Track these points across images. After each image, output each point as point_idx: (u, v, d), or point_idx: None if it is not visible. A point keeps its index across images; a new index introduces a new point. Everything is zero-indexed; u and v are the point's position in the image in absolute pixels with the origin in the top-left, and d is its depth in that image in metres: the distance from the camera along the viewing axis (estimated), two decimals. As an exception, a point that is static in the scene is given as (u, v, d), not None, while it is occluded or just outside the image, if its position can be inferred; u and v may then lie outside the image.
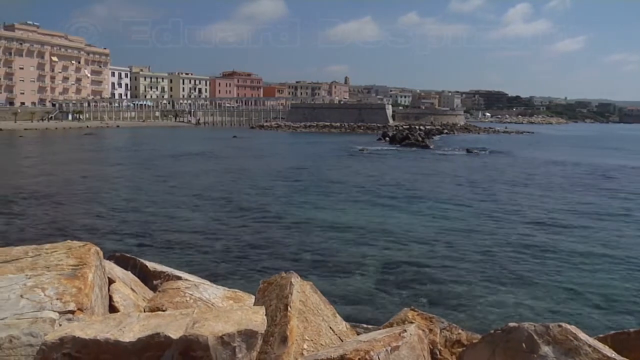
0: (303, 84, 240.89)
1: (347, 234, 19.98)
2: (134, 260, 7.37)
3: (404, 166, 47.67)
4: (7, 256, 5.59)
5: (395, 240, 19.02)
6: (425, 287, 14.02)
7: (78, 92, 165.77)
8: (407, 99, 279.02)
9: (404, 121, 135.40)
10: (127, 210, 24.70)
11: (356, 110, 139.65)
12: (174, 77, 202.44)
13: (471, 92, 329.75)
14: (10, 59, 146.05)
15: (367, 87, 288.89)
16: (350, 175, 40.00)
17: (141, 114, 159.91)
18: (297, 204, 26.71)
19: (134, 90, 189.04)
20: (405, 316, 5.55)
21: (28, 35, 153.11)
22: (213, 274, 13.75)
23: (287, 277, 4.77)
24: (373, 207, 25.81)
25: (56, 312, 4.59)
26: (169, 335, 3.56)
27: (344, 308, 10.77)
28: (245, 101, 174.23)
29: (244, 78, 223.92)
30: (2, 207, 25.07)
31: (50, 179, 36.46)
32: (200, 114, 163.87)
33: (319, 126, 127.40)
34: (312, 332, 4.43)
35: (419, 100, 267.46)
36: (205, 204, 26.76)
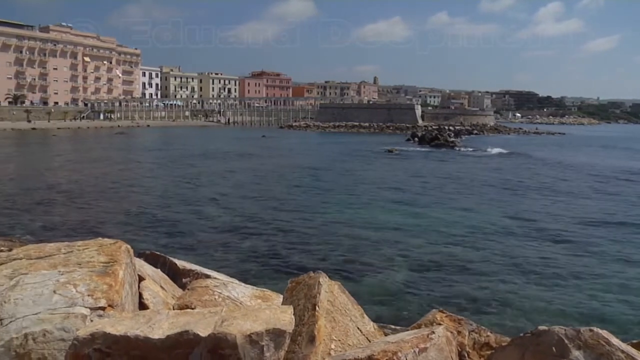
0: (332, 84, 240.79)
1: (375, 234, 19.90)
2: (163, 258, 7.44)
3: (432, 167, 47.36)
4: (41, 252, 5.68)
5: (424, 241, 18.90)
6: (453, 288, 13.90)
7: (109, 92, 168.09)
8: (436, 99, 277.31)
9: (433, 121, 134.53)
10: (157, 209, 24.95)
11: (385, 110, 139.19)
12: (203, 77, 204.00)
13: (501, 93, 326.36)
14: (44, 60, 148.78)
15: (396, 87, 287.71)
16: (378, 175, 39.88)
17: (171, 114, 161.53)
18: (325, 203, 26.70)
19: (164, 90, 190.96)
20: (434, 318, 5.52)
21: (62, 36, 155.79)
22: (241, 272, 13.79)
23: (315, 277, 4.77)
24: (401, 208, 25.69)
25: (87, 308, 4.65)
26: (198, 333, 3.59)
27: (372, 308, 10.73)
28: (274, 101, 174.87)
29: (273, 78, 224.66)
30: (36, 205, 25.52)
31: (82, 177, 37.00)
32: (229, 113, 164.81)
33: (348, 126, 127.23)
34: (340, 332, 4.42)
35: (448, 101, 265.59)
36: (234, 202, 26.90)
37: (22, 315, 4.59)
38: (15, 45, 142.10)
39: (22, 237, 16.74)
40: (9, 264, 5.48)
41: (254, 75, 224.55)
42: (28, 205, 25.51)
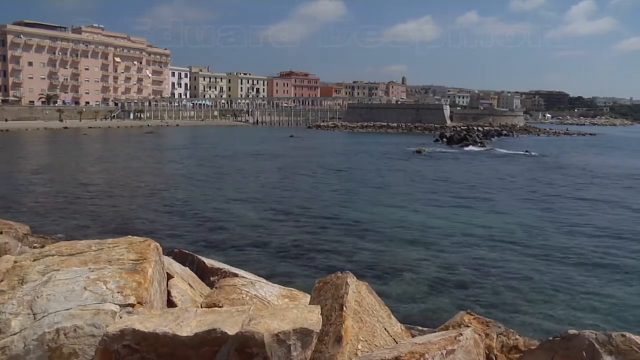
0: (360, 84, 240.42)
1: (403, 234, 19.83)
2: (192, 256, 7.51)
3: (461, 168, 47.01)
4: (72, 250, 5.77)
5: (452, 242, 18.77)
6: (481, 290, 13.78)
7: (139, 91, 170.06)
8: (465, 100, 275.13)
9: (461, 122, 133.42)
10: (185, 207, 25.17)
11: (413, 110, 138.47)
12: (232, 77, 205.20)
13: (531, 93, 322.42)
14: (76, 61, 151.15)
15: (424, 87, 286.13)
16: (406, 176, 39.72)
17: (200, 114, 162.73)
18: (353, 203, 26.67)
19: (194, 90, 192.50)
20: (462, 320, 5.49)
21: (93, 37, 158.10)
22: (269, 271, 13.83)
23: (342, 277, 4.77)
24: (430, 209, 25.54)
25: (117, 304, 4.71)
26: (226, 331, 3.61)
27: (399, 309, 10.69)
28: (303, 101, 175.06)
29: (301, 78, 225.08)
30: (68, 203, 25.93)
31: (112, 176, 37.50)
32: (257, 113, 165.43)
33: (376, 126, 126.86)
34: (367, 332, 4.41)
35: (477, 101, 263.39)
36: (262, 202, 27.02)
37: (54, 311, 4.67)
38: (48, 47, 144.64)
39: (54, 234, 17.00)
40: (42, 260, 5.58)
41: (282, 75, 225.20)
42: (60, 203, 25.94)
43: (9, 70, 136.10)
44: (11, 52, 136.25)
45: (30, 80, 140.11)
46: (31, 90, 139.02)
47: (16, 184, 33.26)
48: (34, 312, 4.73)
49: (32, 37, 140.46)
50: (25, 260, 5.68)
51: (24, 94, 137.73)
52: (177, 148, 67.36)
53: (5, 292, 5.06)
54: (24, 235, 13.02)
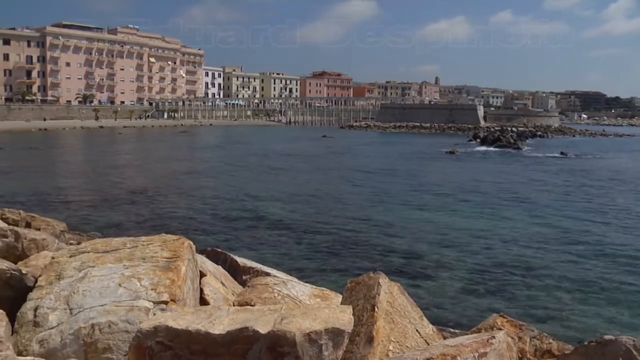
0: (393, 84, 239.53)
1: (436, 235, 19.70)
2: (224, 255, 7.56)
3: (495, 169, 46.51)
4: (108, 247, 5.85)
5: (485, 244, 18.58)
6: (515, 293, 13.61)
7: (173, 91, 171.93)
8: (499, 100, 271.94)
9: (495, 122, 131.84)
10: (218, 206, 25.38)
11: (447, 110, 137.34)
12: (265, 77, 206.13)
13: (566, 93, 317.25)
14: (112, 61, 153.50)
15: (458, 87, 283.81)
16: (440, 176, 39.44)
17: (233, 113, 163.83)
18: (386, 204, 26.59)
19: (227, 90, 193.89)
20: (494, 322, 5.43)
21: (129, 37, 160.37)
22: (300, 271, 13.87)
23: (374, 278, 4.75)
24: (463, 210, 25.33)
25: (151, 301, 4.77)
26: (258, 329, 3.63)
27: (431, 311, 10.62)
28: (335, 101, 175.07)
29: (334, 78, 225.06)
30: (102, 200, 26.36)
31: (146, 175, 38.01)
32: (290, 113, 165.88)
33: (409, 126, 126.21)
34: (399, 333, 4.40)
35: (511, 101, 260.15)
36: (294, 201, 27.10)
37: (89, 306, 4.75)
38: (85, 47, 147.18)
39: (90, 231, 17.29)
40: (78, 256, 5.68)
41: (315, 75, 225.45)
42: (95, 200, 26.39)
43: (47, 70, 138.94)
44: (50, 53, 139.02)
45: (67, 81, 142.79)
46: (68, 90, 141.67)
47: (54, 181, 33.94)
48: (71, 307, 4.81)
49: (69, 39, 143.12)
50: (62, 256, 5.78)
51: (62, 94, 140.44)
52: (210, 147, 67.92)
53: (43, 287, 5.17)
54: (61, 232, 13.27)
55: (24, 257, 7.17)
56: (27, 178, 35.66)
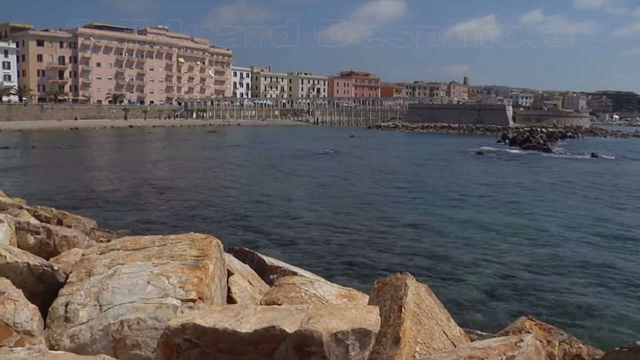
0: (421, 84, 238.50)
1: (463, 236, 19.55)
2: (252, 254, 7.59)
3: (523, 170, 45.98)
4: (137, 244, 5.92)
5: (514, 245, 18.39)
6: (543, 296, 13.43)
7: (202, 91, 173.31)
8: (528, 100, 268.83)
9: (524, 123, 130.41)
10: (246, 205, 25.51)
11: (475, 111, 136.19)
12: (293, 77, 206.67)
13: (598, 93, 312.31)
14: (142, 61, 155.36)
15: (486, 88, 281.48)
16: (467, 177, 39.14)
17: (261, 113, 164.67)
18: (413, 204, 26.48)
19: (255, 90, 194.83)
20: (522, 325, 5.37)
21: (158, 38, 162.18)
22: (327, 270, 13.88)
23: (402, 279, 4.74)
24: (491, 211, 25.10)
25: (179, 299, 4.82)
26: (284, 329, 3.64)
27: (458, 312, 10.55)
28: (363, 101, 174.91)
29: (362, 78, 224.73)
30: (132, 199, 26.67)
31: (175, 173, 38.37)
32: (318, 113, 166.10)
33: (437, 127, 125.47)
34: (425, 335, 4.38)
35: (541, 102, 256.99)
36: (321, 201, 27.12)
37: (119, 303, 4.82)
38: (116, 48, 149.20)
39: (119, 229, 17.50)
40: (108, 254, 5.75)
41: (343, 75, 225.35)
42: (125, 198, 26.70)
43: (79, 71, 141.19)
44: (81, 54, 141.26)
45: (98, 81, 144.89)
46: (99, 90, 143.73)
47: (84, 179, 34.45)
48: (100, 304, 4.88)
49: (100, 39, 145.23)
50: (93, 253, 5.87)
51: (93, 94, 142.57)
52: (238, 147, 68.29)
53: (74, 284, 5.25)
54: (91, 229, 13.46)
55: (56, 253, 7.30)
56: (58, 176, 36.27)
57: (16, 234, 7.59)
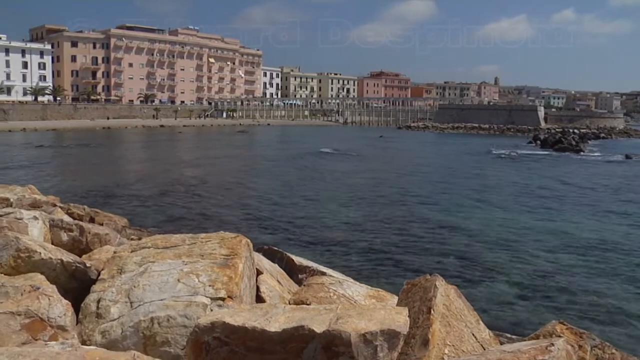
0: (451, 85, 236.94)
1: (494, 238, 19.36)
2: (281, 253, 7.62)
3: (555, 171, 45.33)
4: (167, 243, 5.98)
5: (545, 248, 18.14)
6: (575, 300, 13.23)
7: (232, 91, 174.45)
8: (560, 101, 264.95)
9: (556, 124, 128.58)
10: (275, 205, 25.59)
11: (506, 111, 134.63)
12: (323, 77, 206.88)
13: (633, 94, 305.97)
14: (173, 61, 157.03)
15: (517, 88, 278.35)
16: (497, 178, 38.75)
17: (291, 113, 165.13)
18: (442, 205, 26.29)
19: (285, 90, 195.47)
20: (553, 329, 5.29)
21: (189, 39, 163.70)
22: (356, 271, 13.86)
23: (431, 280, 4.71)
24: (521, 212, 24.80)
25: (208, 297, 4.86)
26: (313, 328, 3.64)
27: (487, 315, 10.46)
28: (393, 101, 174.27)
29: (391, 78, 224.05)
30: (162, 197, 26.95)
31: (206, 173, 38.65)
32: (347, 113, 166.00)
33: (467, 127, 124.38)
34: (454, 337, 4.34)
35: (573, 102, 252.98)
36: (350, 201, 27.08)
37: (149, 300, 4.88)
38: (147, 48, 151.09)
39: (150, 227, 17.71)
40: (139, 252, 5.83)
41: (372, 75, 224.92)
42: (156, 197, 27.00)
43: (111, 71, 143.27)
44: (114, 54, 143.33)
45: (130, 81, 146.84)
46: (131, 90, 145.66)
47: (116, 178, 34.91)
48: (131, 301, 4.95)
49: (132, 40, 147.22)
50: (124, 251, 5.95)
51: (124, 94, 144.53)
52: (267, 147, 68.59)
53: (105, 280, 5.33)
54: (123, 227, 13.64)
55: (88, 250, 7.41)
56: (90, 174, 36.86)
57: (50, 231, 7.73)
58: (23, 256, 5.62)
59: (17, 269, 5.52)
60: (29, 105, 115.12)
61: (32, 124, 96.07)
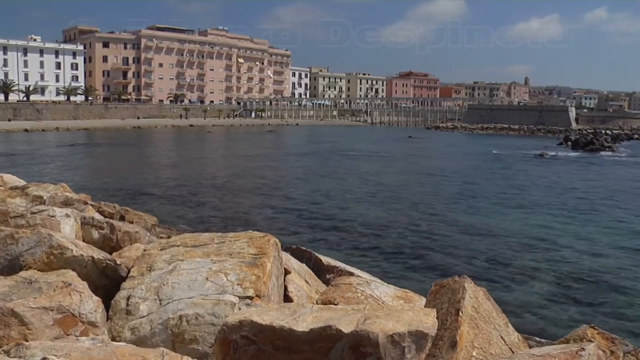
0: (481, 85, 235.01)
1: (523, 240, 19.12)
2: (309, 253, 7.63)
3: (586, 173, 44.65)
4: (196, 241, 6.03)
5: (576, 250, 17.87)
6: (607, 304, 13.01)
7: (261, 91, 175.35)
8: (592, 101, 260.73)
9: (588, 125, 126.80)
10: (303, 204, 25.63)
11: (536, 112, 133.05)
12: (351, 77, 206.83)
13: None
14: (202, 62, 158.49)
15: (548, 88, 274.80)
16: (527, 179, 38.29)
17: (319, 113, 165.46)
18: (471, 207, 26.08)
19: (313, 90, 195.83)
20: (584, 333, 5.21)
21: (218, 39, 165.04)
22: (384, 271, 13.81)
23: (460, 282, 4.67)
24: (552, 214, 24.47)
25: (236, 296, 4.89)
26: (341, 328, 3.64)
27: (516, 318, 10.33)
28: (421, 101, 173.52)
29: (420, 78, 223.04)
30: (191, 196, 27.19)
31: (233, 172, 38.91)
32: (376, 113, 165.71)
33: (497, 128, 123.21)
34: (483, 340, 4.31)
35: (605, 103, 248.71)
36: (378, 202, 27.01)
37: (178, 298, 4.92)
38: (177, 49, 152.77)
39: (179, 225, 17.87)
40: (168, 250, 5.89)
41: (401, 75, 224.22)
42: (184, 196, 27.25)
43: (142, 71, 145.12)
44: (144, 55, 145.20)
45: (160, 81, 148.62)
46: (160, 89, 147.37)
47: (145, 176, 35.32)
48: (160, 298, 5.00)
49: (162, 40, 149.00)
50: (153, 249, 6.01)
51: (154, 94, 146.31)
52: (296, 146, 68.75)
53: (135, 278, 5.39)
54: (152, 225, 13.79)
55: (118, 248, 7.52)
56: (120, 173, 37.35)
57: (81, 229, 7.85)
58: (56, 253, 5.72)
59: (49, 265, 5.62)
60: (61, 105, 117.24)
61: (64, 124, 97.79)
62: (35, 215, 7.62)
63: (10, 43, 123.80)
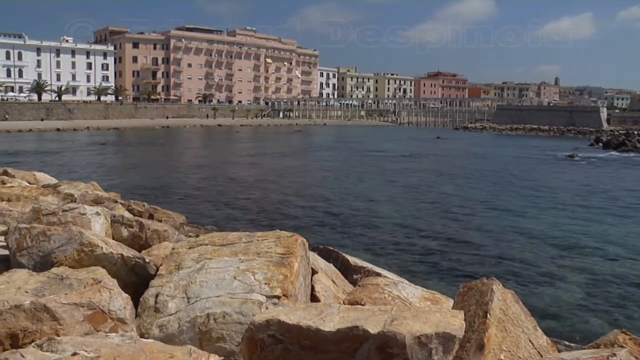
0: (510, 85, 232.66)
1: (553, 243, 18.87)
2: (336, 253, 7.63)
3: (618, 175, 43.89)
4: (224, 240, 6.07)
5: (607, 254, 17.57)
6: (638, 310, 12.80)
7: (289, 91, 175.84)
8: (624, 102, 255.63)
9: (620, 125, 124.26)
10: (330, 204, 25.63)
11: (566, 112, 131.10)
12: (379, 77, 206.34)
13: None
14: (230, 62, 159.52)
15: (579, 89, 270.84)
16: (558, 181, 37.80)
17: (347, 113, 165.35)
18: (500, 208, 25.81)
19: (341, 90, 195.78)
20: (615, 339, 5.12)
21: (247, 39, 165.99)
22: (411, 273, 13.76)
23: (488, 284, 4.64)
24: (582, 217, 24.10)
25: (264, 295, 4.91)
26: (368, 329, 3.63)
27: (545, 321, 10.21)
28: (450, 102, 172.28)
29: (449, 78, 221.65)
30: (219, 195, 27.38)
31: (261, 171, 39.09)
32: (404, 114, 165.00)
33: (526, 129, 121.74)
34: (511, 342, 4.27)
35: (638, 103, 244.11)
36: (406, 202, 26.90)
37: (206, 297, 4.96)
38: (206, 49, 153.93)
39: (207, 225, 17.99)
40: (196, 248, 5.94)
41: (429, 75, 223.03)
42: (213, 195, 27.46)
43: (171, 71, 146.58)
44: (173, 55, 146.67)
45: (189, 81, 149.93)
46: (189, 89, 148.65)
47: (174, 175, 35.66)
48: (188, 297, 5.05)
49: (191, 41, 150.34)
50: (182, 247, 6.07)
51: (183, 93, 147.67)
52: (323, 147, 68.78)
53: (163, 276, 5.45)
54: (181, 224, 13.92)
55: (147, 246, 7.60)
56: (150, 171, 37.76)
57: (111, 227, 7.96)
58: (86, 250, 5.81)
59: (80, 262, 5.71)
60: (92, 104, 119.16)
61: (95, 123, 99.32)
62: (66, 213, 7.74)
63: (43, 44, 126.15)
